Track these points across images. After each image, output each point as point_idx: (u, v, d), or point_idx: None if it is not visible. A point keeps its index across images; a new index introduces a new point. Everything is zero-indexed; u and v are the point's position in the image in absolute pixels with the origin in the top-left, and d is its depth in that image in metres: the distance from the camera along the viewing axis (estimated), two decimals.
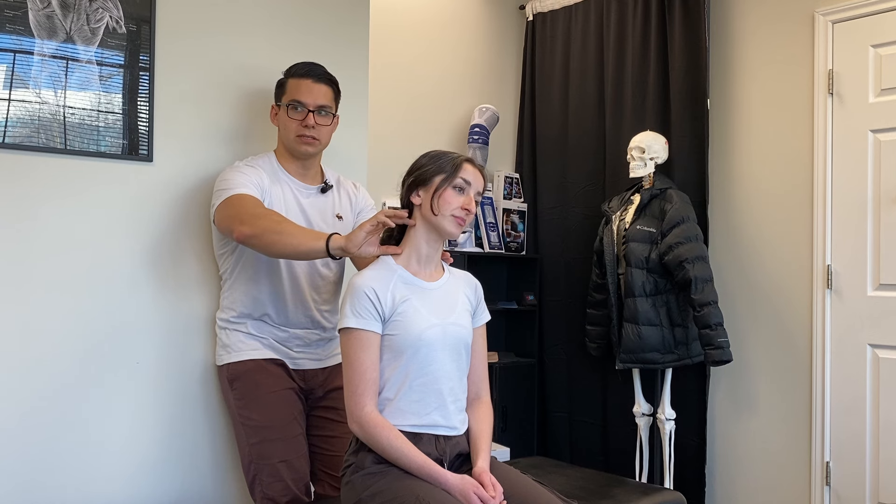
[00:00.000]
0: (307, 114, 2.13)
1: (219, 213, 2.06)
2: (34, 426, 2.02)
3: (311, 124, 2.13)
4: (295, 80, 2.16)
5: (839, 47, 3.17)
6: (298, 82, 2.15)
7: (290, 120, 2.14)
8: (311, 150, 2.17)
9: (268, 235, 1.91)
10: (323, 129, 2.17)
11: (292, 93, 2.14)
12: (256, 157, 2.21)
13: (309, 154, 2.18)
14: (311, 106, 2.14)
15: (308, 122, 2.13)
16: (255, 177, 2.10)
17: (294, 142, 2.15)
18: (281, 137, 2.21)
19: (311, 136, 2.14)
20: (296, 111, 2.13)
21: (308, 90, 2.14)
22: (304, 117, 2.13)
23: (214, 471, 2.31)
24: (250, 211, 1.98)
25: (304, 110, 2.13)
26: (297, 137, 2.14)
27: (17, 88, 1.99)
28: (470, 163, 1.84)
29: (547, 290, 4.03)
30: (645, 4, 3.64)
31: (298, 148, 2.16)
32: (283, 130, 2.18)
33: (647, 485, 2.52)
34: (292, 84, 2.16)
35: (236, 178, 2.07)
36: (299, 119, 2.13)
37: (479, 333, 1.95)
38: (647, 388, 3.44)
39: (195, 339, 2.28)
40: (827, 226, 3.18)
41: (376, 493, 1.69)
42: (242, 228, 1.94)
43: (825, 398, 3.17)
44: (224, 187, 2.07)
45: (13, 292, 1.99)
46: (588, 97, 3.90)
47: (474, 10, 4.11)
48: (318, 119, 2.15)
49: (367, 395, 1.74)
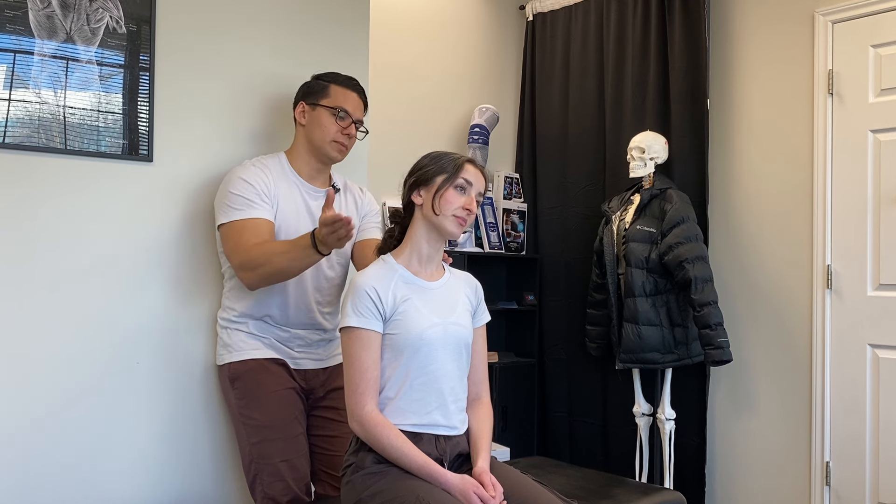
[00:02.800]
0: (351, 123, 2.22)
1: (224, 238, 2.13)
2: (34, 426, 2.01)
3: (353, 134, 2.24)
4: (342, 90, 2.23)
5: (839, 47, 3.17)
6: (346, 93, 2.23)
7: (334, 124, 2.20)
8: (341, 157, 2.26)
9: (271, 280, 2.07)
10: (354, 140, 2.27)
11: (339, 100, 2.21)
12: (266, 157, 2.23)
13: (336, 160, 2.26)
14: (354, 117, 2.24)
15: (350, 131, 2.23)
16: (262, 185, 2.13)
17: (329, 146, 2.21)
18: (310, 138, 2.22)
19: (346, 144, 2.24)
20: (342, 119, 2.21)
21: (355, 103, 2.25)
22: (348, 126, 2.22)
23: (215, 470, 2.32)
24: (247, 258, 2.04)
25: (349, 119, 2.22)
26: (333, 143, 2.21)
27: (17, 88, 1.99)
28: (472, 163, 1.85)
29: (547, 290, 4.03)
30: (645, 4, 3.64)
31: (331, 153, 2.22)
32: (317, 131, 2.21)
33: (647, 485, 2.52)
34: (339, 92, 2.22)
35: (244, 193, 2.10)
36: (344, 126, 2.21)
37: (480, 334, 1.95)
38: (647, 388, 3.44)
39: (195, 339, 2.28)
40: (827, 226, 3.18)
41: (376, 492, 1.70)
42: (245, 282, 2.08)
43: (825, 398, 3.17)
44: (231, 203, 2.10)
45: (13, 292, 1.99)
46: (588, 97, 3.90)
47: (474, 10, 4.11)
48: (355, 131, 2.26)
49: (368, 395, 1.74)
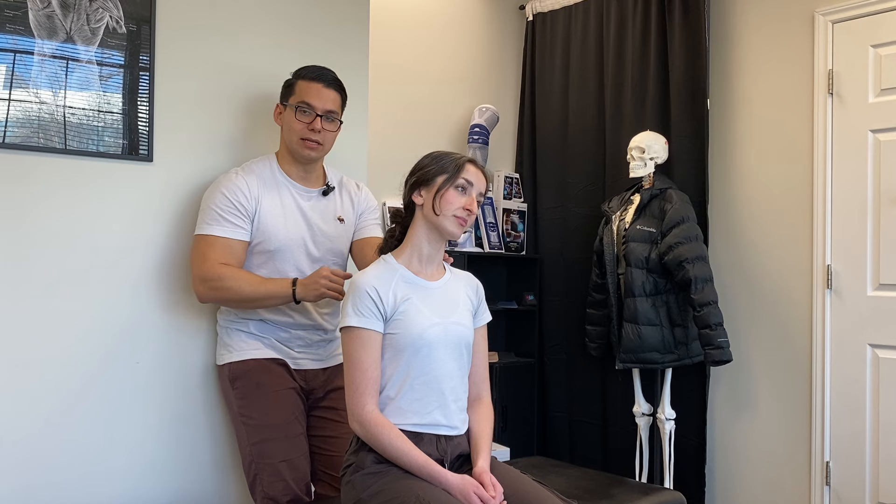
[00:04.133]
0: (315, 118, 2.12)
1: (193, 247, 2.12)
2: (34, 426, 2.01)
3: (318, 128, 2.13)
4: (305, 83, 2.14)
5: (839, 47, 3.17)
6: (309, 85, 2.14)
7: (297, 122, 2.12)
8: (314, 154, 2.16)
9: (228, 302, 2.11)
10: (328, 134, 2.17)
11: (301, 95, 2.13)
12: (255, 162, 2.20)
13: (311, 158, 2.17)
14: (319, 110, 2.13)
15: (315, 126, 2.12)
16: (241, 198, 2.09)
17: (297, 144, 2.14)
18: (284, 139, 2.19)
19: (315, 140, 2.14)
20: (304, 114, 2.12)
21: (318, 94, 2.13)
22: (311, 121, 2.12)
23: (215, 470, 2.31)
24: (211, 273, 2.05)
25: (311, 114, 2.12)
26: (301, 140, 2.13)
27: (17, 88, 1.98)
28: (473, 163, 1.84)
29: (547, 290, 4.03)
30: (645, 4, 3.64)
31: (301, 151, 2.15)
32: (287, 131, 2.16)
33: (647, 485, 2.52)
34: (302, 86, 2.14)
35: (220, 207, 2.08)
36: (306, 122, 2.12)
37: (481, 334, 1.95)
38: (647, 387, 3.44)
39: (195, 339, 2.28)
40: (827, 226, 3.18)
41: (376, 492, 1.70)
42: (199, 294, 2.09)
43: (825, 398, 3.17)
44: (205, 216, 2.09)
45: (13, 292, 1.99)
46: (588, 97, 3.90)
47: (474, 11, 4.11)
48: (325, 124, 2.15)
49: (369, 394, 1.74)
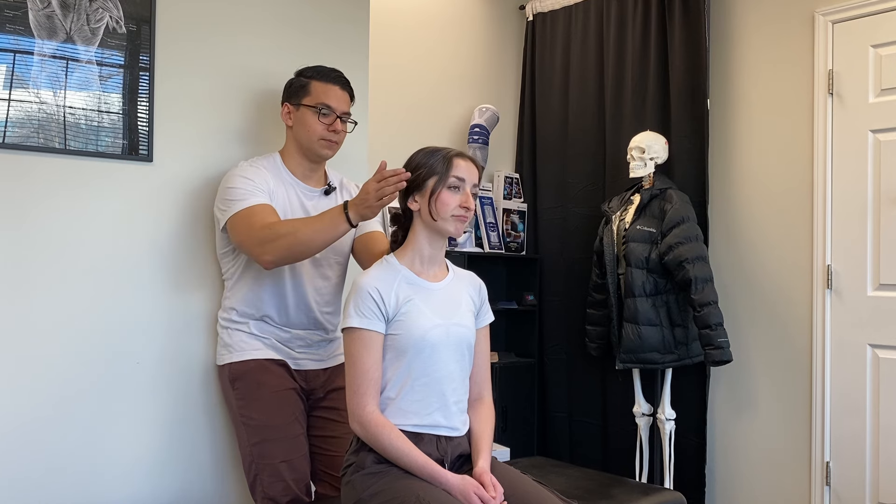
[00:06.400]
0: (335, 119, 2.18)
1: (233, 229, 2.08)
2: (34, 426, 2.01)
3: (339, 129, 2.19)
4: (322, 85, 2.18)
5: (839, 47, 3.17)
6: (327, 87, 2.18)
7: (318, 123, 2.17)
8: (331, 153, 2.22)
9: (292, 252, 2.00)
10: (343, 134, 2.23)
11: (320, 96, 2.17)
12: (260, 158, 2.22)
13: (327, 157, 2.23)
14: (338, 112, 2.19)
15: (336, 127, 2.18)
16: (260, 180, 2.12)
17: (318, 144, 2.18)
18: (297, 138, 2.20)
19: (335, 140, 2.19)
20: (326, 116, 2.17)
21: (336, 96, 2.19)
22: (332, 122, 2.17)
23: (215, 470, 2.31)
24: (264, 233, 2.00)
25: (332, 115, 2.17)
26: (321, 140, 2.18)
27: (17, 88, 1.98)
28: (460, 157, 1.81)
29: (547, 290, 4.03)
30: (645, 4, 3.64)
31: (320, 151, 2.19)
32: (303, 132, 2.19)
33: (647, 485, 2.52)
34: (319, 87, 2.18)
35: (244, 186, 2.09)
36: (328, 123, 2.17)
37: (483, 334, 1.94)
38: (647, 388, 3.44)
39: (196, 339, 2.28)
40: (827, 226, 3.18)
41: (377, 492, 1.69)
42: (265, 258, 2.00)
43: (825, 398, 3.17)
44: (233, 197, 2.08)
45: (12, 292, 1.98)
46: (588, 97, 3.90)
47: (474, 11, 4.11)
48: (341, 125, 2.21)
49: (369, 395, 1.74)
